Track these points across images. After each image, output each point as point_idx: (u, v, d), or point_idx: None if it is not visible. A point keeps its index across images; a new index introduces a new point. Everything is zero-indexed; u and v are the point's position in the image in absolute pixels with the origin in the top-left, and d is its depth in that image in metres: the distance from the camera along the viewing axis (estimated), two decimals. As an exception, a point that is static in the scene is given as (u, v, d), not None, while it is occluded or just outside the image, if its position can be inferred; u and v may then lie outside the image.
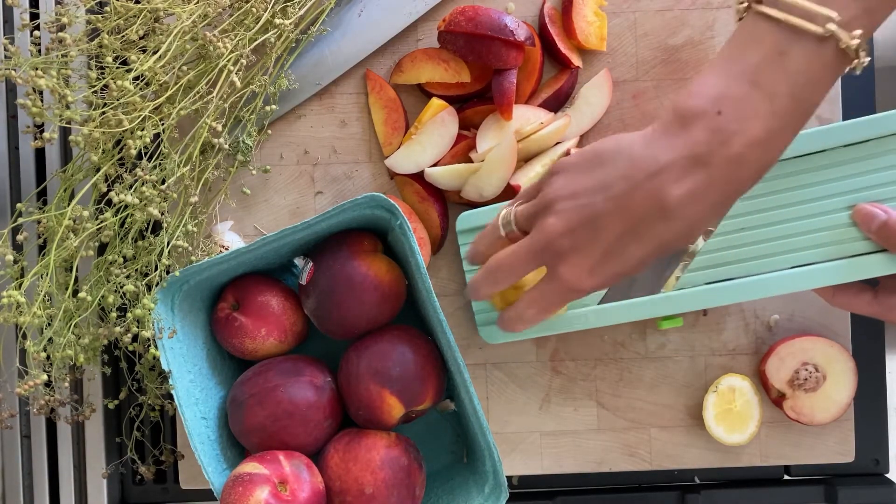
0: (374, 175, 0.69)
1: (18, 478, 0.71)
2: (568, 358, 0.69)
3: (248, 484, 0.57)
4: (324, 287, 0.62)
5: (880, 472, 0.71)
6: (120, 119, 0.58)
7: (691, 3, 0.68)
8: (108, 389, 0.71)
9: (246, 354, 0.65)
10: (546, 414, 0.69)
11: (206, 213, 0.66)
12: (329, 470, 0.61)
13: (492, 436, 0.60)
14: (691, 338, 0.69)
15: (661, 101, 0.69)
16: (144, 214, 0.59)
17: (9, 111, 0.71)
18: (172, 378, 0.61)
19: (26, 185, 0.71)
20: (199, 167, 0.63)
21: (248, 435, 0.62)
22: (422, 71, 0.67)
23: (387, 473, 0.59)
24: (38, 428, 0.71)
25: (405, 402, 0.61)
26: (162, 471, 0.72)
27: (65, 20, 0.61)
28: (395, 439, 0.62)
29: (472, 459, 0.67)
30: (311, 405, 0.61)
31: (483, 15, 0.63)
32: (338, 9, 0.68)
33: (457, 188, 0.67)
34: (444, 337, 0.60)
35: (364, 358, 0.61)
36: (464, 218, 0.65)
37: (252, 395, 0.62)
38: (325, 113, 0.69)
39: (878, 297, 0.57)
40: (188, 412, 0.62)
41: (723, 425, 0.67)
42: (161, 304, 0.61)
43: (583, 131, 0.68)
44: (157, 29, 0.62)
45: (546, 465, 0.70)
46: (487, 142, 0.65)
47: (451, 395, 0.67)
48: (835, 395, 0.66)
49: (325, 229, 0.62)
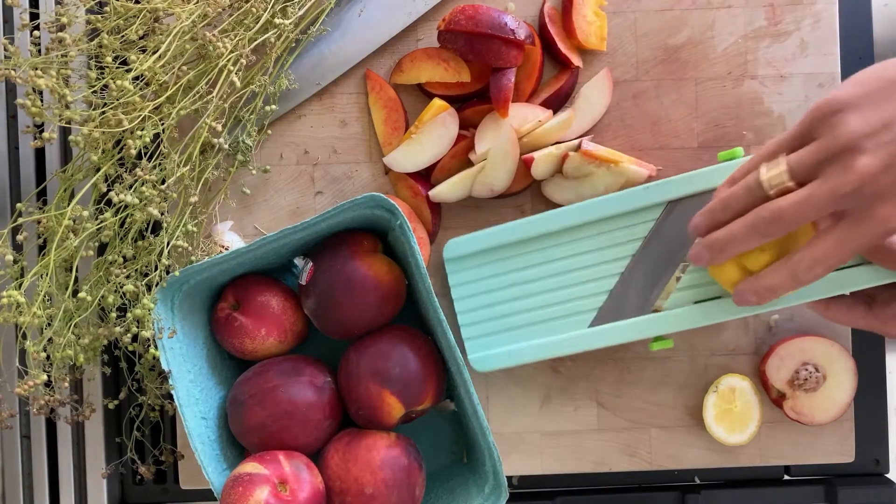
0: (373, 175, 0.69)
1: (18, 478, 0.71)
2: (568, 358, 0.69)
3: (248, 484, 0.57)
4: (324, 287, 0.62)
5: (880, 472, 0.71)
6: (120, 119, 0.58)
7: (691, 3, 0.68)
8: (109, 389, 0.71)
9: (246, 354, 0.65)
10: (546, 414, 0.69)
11: (206, 213, 0.66)
12: (329, 470, 0.61)
13: (492, 436, 0.60)
14: (691, 338, 0.69)
15: (661, 101, 0.69)
16: (144, 214, 0.59)
17: (9, 111, 0.71)
18: (172, 378, 0.61)
19: (26, 185, 0.71)
20: (198, 167, 0.63)
21: (248, 435, 0.62)
22: (422, 71, 0.67)
23: (387, 473, 0.59)
24: (38, 428, 0.71)
25: (405, 403, 0.61)
26: (162, 471, 0.72)
27: (64, 20, 0.61)
28: (396, 439, 0.62)
29: (472, 460, 0.67)
30: (310, 405, 0.61)
31: (483, 14, 0.63)
32: (338, 9, 0.68)
33: (464, 196, 0.67)
34: (444, 337, 0.60)
35: (364, 358, 0.61)
36: (451, 246, 0.65)
37: (252, 395, 0.62)
38: (325, 113, 0.69)
39: (872, 309, 0.57)
40: (188, 412, 0.62)
41: (723, 425, 0.67)
42: (161, 303, 0.61)
43: (583, 131, 0.68)
44: (157, 29, 0.61)
45: (546, 465, 0.70)
46: (486, 142, 0.66)
47: (451, 396, 0.67)
48: (835, 395, 0.66)
49: (326, 229, 0.62)
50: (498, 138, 0.65)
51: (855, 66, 0.70)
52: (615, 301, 0.62)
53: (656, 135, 0.69)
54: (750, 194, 0.50)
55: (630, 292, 0.61)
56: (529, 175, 0.66)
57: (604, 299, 0.62)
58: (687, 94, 0.69)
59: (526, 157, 0.65)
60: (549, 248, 0.63)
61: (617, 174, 0.64)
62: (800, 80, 0.68)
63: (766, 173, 0.50)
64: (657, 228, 0.61)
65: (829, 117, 0.47)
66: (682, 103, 0.69)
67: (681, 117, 0.69)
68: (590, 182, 0.65)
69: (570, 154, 0.64)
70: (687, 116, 0.69)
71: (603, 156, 0.64)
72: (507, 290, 0.64)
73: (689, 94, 0.69)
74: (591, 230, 0.62)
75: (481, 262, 0.65)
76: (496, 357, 0.64)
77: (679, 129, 0.69)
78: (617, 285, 0.62)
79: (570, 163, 0.64)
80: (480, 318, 0.65)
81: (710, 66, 0.68)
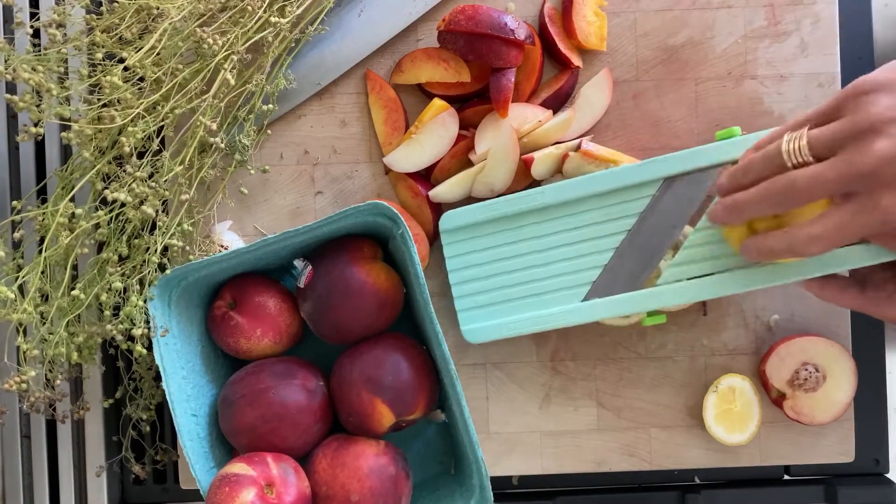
0: (373, 175, 0.69)
1: (18, 478, 0.71)
2: (568, 358, 0.69)
3: (234, 485, 0.57)
4: (321, 291, 0.62)
5: (880, 472, 0.71)
6: (112, 116, 0.58)
7: (691, 3, 0.68)
8: (108, 389, 0.71)
9: (240, 354, 0.65)
10: (546, 414, 0.69)
11: (204, 212, 0.66)
12: (316, 475, 0.61)
13: (481, 450, 0.60)
14: (691, 338, 0.69)
15: (661, 101, 0.68)
16: (138, 213, 0.59)
17: (9, 111, 0.71)
18: (165, 373, 0.61)
19: (26, 183, 0.71)
20: (195, 166, 0.63)
21: (238, 435, 0.62)
22: (422, 71, 0.67)
23: (374, 482, 0.59)
24: (38, 428, 0.71)
25: (396, 411, 0.61)
26: (162, 471, 0.72)
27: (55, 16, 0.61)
28: (385, 448, 0.62)
29: (459, 472, 0.67)
30: (301, 409, 0.61)
31: (483, 14, 0.63)
32: (338, 9, 0.68)
33: (464, 196, 0.67)
34: (440, 349, 0.60)
35: (357, 364, 0.61)
36: (447, 217, 0.65)
37: (243, 396, 0.62)
38: (325, 113, 0.69)
39: (866, 291, 0.56)
40: (179, 408, 0.62)
41: (723, 425, 0.67)
42: (158, 300, 0.62)
43: (583, 131, 0.68)
44: (153, 28, 0.62)
45: (546, 465, 0.70)
46: (486, 142, 0.66)
47: (443, 406, 0.67)
48: (835, 395, 0.66)
49: (327, 233, 0.62)
50: (498, 138, 0.65)
51: (855, 66, 0.70)
52: (609, 276, 0.62)
53: (656, 135, 0.69)
54: (770, 162, 0.51)
55: (624, 267, 0.62)
56: (529, 175, 0.66)
57: (598, 273, 0.62)
58: (687, 94, 0.69)
59: (526, 157, 0.65)
60: (544, 221, 0.63)
61: (617, 174, 0.64)
62: (800, 80, 0.68)
63: (786, 144, 0.50)
64: (653, 205, 0.61)
65: (858, 97, 0.47)
66: (682, 103, 0.69)
67: (681, 117, 0.69)
68: (590, 182, 0.65)
69: (570, 154, 0.64)
70: (687, 116, 0.69)
71: (603, 156, 0.64)
72: (501, 262, 0.64)
73: (689, 94, 0.69)
74: (586, 205, 0.62)
75: (476, 235, 0.65)
76: (489, 329, 0.64)
77: (679, 129, 0.69)
78: (611, 260, 0.62)
79: (570, 163, 0.64)
80: (474, 290, 0.65)
81: (710, 66, 0.68)
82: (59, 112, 0.59)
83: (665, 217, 0.61)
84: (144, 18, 0.62)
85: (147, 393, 0.68)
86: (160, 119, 0.60)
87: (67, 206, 0.59)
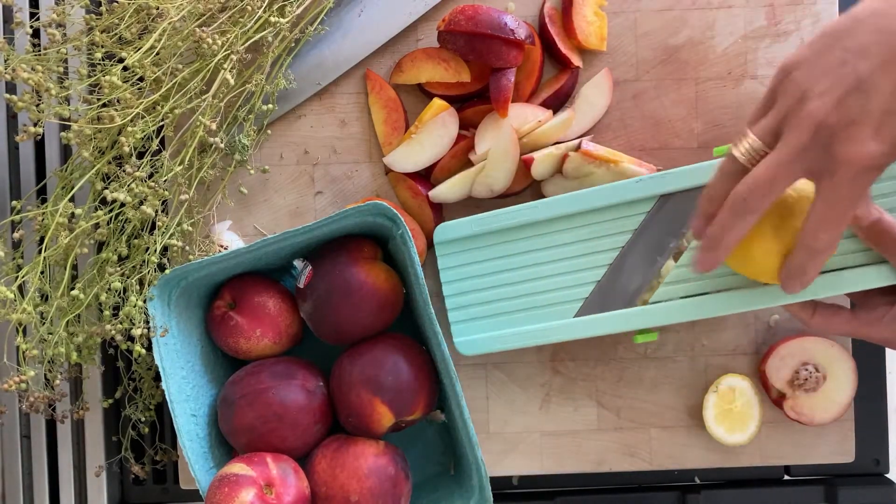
0: (373, 175, 0.69)
1: (18, 478, 0.71)
2: (568, 358, 0.69)
3: (233, 485, 0.57)
4: (321, 292, 0.62)
5: (880, 472, 0.71)
6: (112, 116, 0.58)
7: (691, 3, 0.68)
8: (108, 389, 0.71)
9: (240, 354, 0.65)
10: (546, 414, 0.69)
11: (203, 212, 0.66)
12: (316, 475, 0.61)
13: (480, 450, 0.60)
14: (691, 338, 0.69)
15: (661, 101, 0.68)
16: (138, 213, 0.59)
17: (9, 111, 0.71)
18: (164, 373, 0.61)
19: (26, 183, 0.71)
20: (195, 166, 0.63)
21: (237, 435, 0.62)
22: (422, 71, 0.67)
23: (373, 482, 0.59)
24: (38, 428, 0.71)
25: (396, 412, 0.61)
26: (162, 471, 0.72)
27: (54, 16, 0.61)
28: (384, 448, 0.62)
29: (459, 472, 0.67)
30: (301, 409, 0.61)
31: (483, 14, 0.63)
32: (338, 9, 0.68)
33: (464, 196, 0.67)
34: (439, 349, 0.60)
35: (357, 365, 0.61)
36: (441, 230, 0.64)
37: (243, 396, 0.62)
38: (325, 113, 0.69)
39: (857, 314, 0.57)
40: (178, 408, 0.62)
41: (723, 425, 0.67)
42: (157, 300, 0.62)
43: (583, 131, 0.68)
44: (153, 28, 0.62)
45: (546, 465, 0.70)
46: (486, 142, 0.66)
47: (442, 407, 0.67)
48: (835, 395, 0.66)
49: (327, 234, 0.62)
50: (498, 138, 0.65)
51: (855, 66, 0.70)
52: (602, 292, 0.62)
53: (656, 135, 0.69)
54: (728, 176, 0.50)
55: (617, 284, 0.62)
56: (529, 175, 0.66)
57: (591, 290, 0.62)
58: (687, 94, 0.69)
59: (526, 157, 0.65)
60: (538, 236, 0.63)
61: (617, 174, 0.64)
62: (800, 79, 0.68)
63: (739, 148, 0.50)
64: (647, 222, 0.61)
65: (782, 81, 0.48)
66: (682, 103, 0.69)
67: (681, 117, 0.69)
68: (590, 182, 0.65)
69: (570, 154, 0.64)
70: (687, 116, 0.69)
71: (603, 156, 0.64)
72: (495, 275, 0.64)
73: (689, 94, 0.69)
74: (581, 220, 0.62)
75: (470, 247, 0.64)
76: (481, 342, 0.64)
77: (679, 129, 0.69)
78: (604, 276, 0.62)
79: (570, 163, 0.64)
80: (468, 303, 0.65)
81: (710, 66, 0.68)
82: (59, 112, 0.59)
83: (659, 234, 0.61)
84: (144, 18, 0.62)
85: (147, 393, 0.68)
86: (160, 119, 0.60)
87: (67, 206, 0.59)
